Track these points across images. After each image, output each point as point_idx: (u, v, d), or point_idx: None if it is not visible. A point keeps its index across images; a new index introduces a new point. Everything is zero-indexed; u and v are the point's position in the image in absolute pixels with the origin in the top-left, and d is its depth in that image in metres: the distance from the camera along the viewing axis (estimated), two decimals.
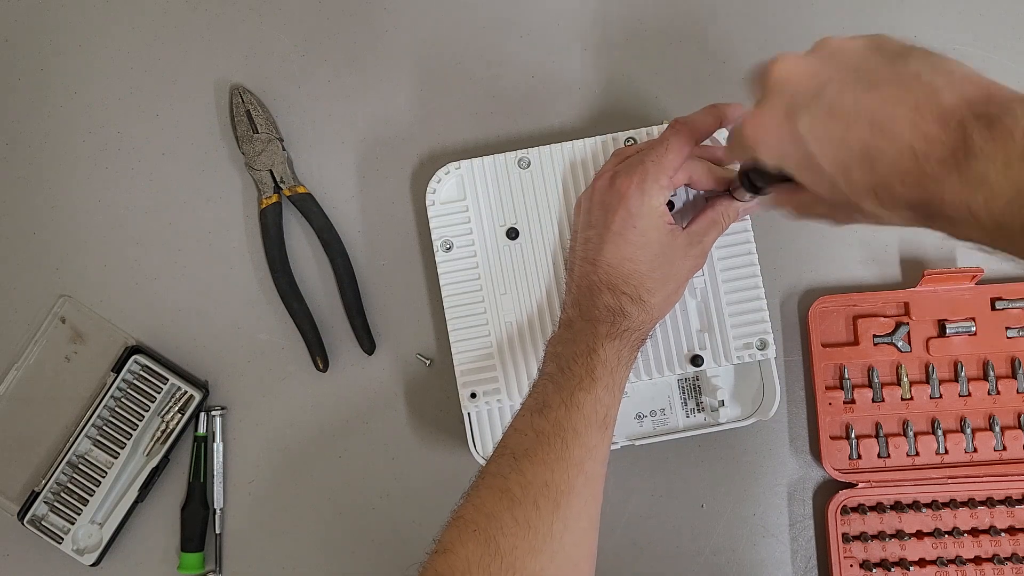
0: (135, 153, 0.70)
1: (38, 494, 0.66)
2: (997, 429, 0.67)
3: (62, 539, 0.66)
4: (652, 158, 0.56)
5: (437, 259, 0.64)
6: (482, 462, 0.63)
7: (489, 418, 0.64)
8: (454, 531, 0.49)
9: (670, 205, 0.60)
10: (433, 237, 0.65)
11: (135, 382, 0.67)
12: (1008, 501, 0.67)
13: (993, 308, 0.67)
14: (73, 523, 0.66)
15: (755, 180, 0.52)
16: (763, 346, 0.63)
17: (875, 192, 0.41)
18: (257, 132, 0.68)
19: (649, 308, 0.56)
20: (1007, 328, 0.67)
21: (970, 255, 0.69)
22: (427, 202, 0.65)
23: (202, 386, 0.68)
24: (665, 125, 0.64)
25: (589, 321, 0.55)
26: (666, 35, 0.71)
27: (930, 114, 0.38)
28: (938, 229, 0.40)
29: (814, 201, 0.46)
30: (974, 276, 0.66)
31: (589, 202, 0.59)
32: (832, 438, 0.67)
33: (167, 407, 0.67)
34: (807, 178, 0.44)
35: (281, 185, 0.68)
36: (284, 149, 0.69)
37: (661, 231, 0.56)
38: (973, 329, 0.67)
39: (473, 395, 0.63)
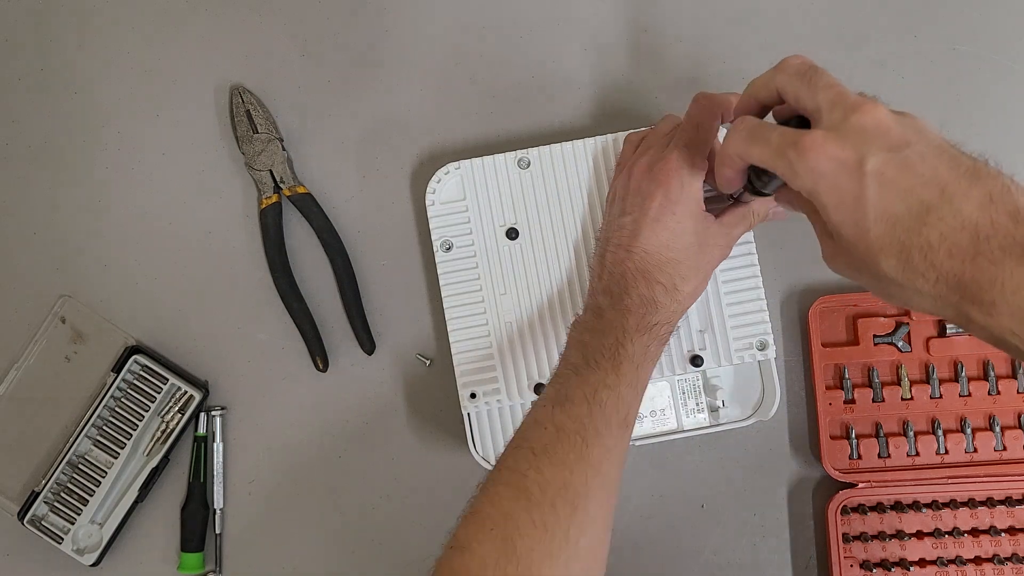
0: (135, 153, 0.70)
1: (38, 494, 0.66)
2: (997, 429, 0.67)
3: (62, 539, 0.66)
4: (684, 140, 0.55)
5: (437, 259, 0.64)
6: (482, 462, 0.64)
7: (489, 418, 0.64)
8: (472, 527, 0.48)
9: None
10: (433, 237, 0.65)
11: (135, 382, 0.67)
12: (1008, 501, 0.66)
13: None
14: (73, 523, 0.66)
15: (756, 183, 0.51)
16: (763, 347, 0.63)
17: (906, 253, 0.41)
18: (257, 132, 0.68)
19: (681, 298, 0.55)
20: None
21: None
22: (427, 202, 0.65)
23: (202, 386, 0.68)
24: None
25: (619, 311, 0.55)
26: (666, 35, 0.71)
27: (1003, 207, 0.39)
28: (956, 308, 0.41)
29: (820, 229, 0.47)
30: None
31: (624, 190, 0.58)
32: (832, 438, 0.67)
33: (167, 407, 0.67)
34: (839, 215, 0.43)
35: (281, 185, 0.68)
36: (284, 149, 0.69)
37: (697, 218, 0.55)
38: None
39: (473, 395, 0.63)
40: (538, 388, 0.63)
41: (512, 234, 0.64)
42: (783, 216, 0.59)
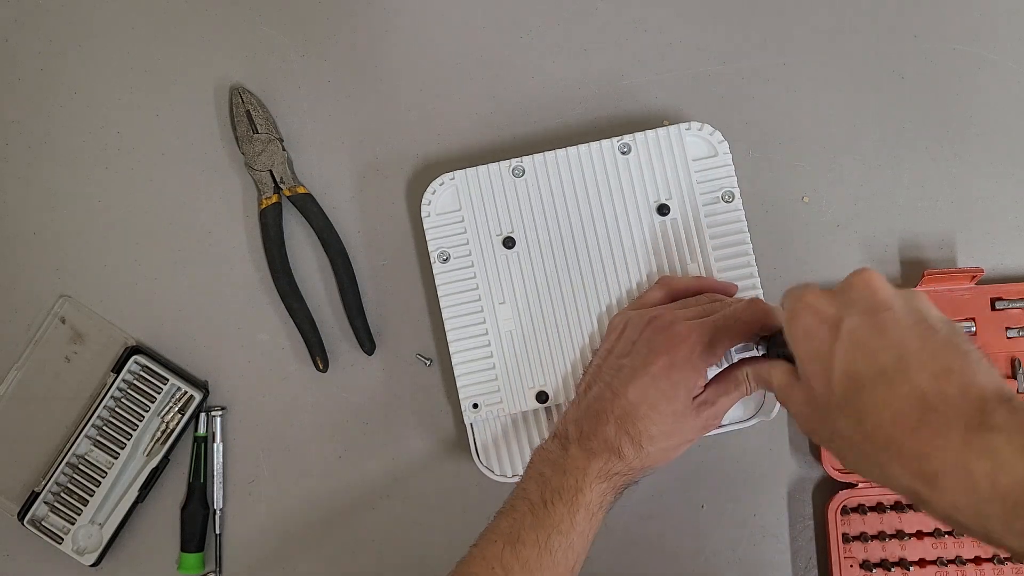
0: (135, 153, 0.70)
1: (38, 494, 0.66)
2: None
3: (62, 539, 0.66)
4: (717, 324, 0.55)
5: (435, 271, 0.64)
6: (485, 472, 0.63)
7: (491, 427, 0.64)
8: None
9: None
10: (430, 248, 0.64)
11: (135, 382, 0.67)
12: None
13: (993, 308, 0.67)
14: (73, 523, 0.66)
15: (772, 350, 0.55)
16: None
17: (859, 415, 0.42)
18: (257, 132, 0.68)
19: (644, 456, 0.54)
20: (1007, 328, 0.67)
21: (970, 255, 0.69)
22: (423, 214, 0.65)
23: (202, 386, 0.68)
24: (665, 126, 0.65)
25: (585, 452, 0.54)
26: (665, 36, 0.70)
27: (956, 381, 0.40)
28: (899, 481, 0.41)
29: (796, 392, 0.48)
30: (974, 276, 0.66)
31: (636, 333, 0.57)
32: None
33: (167, 407, 0.67)
34: (810, 365, 0.45)
35: (281, 185, 0.68)
36: (284, 149, 0.69)
37: (689, 393, 0.55)
38: (973, 329, 0.67)
39: (475, 405, 0.63)
40: (540, 396, 0.63)
41: (509, 243, 0.64)
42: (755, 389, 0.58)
